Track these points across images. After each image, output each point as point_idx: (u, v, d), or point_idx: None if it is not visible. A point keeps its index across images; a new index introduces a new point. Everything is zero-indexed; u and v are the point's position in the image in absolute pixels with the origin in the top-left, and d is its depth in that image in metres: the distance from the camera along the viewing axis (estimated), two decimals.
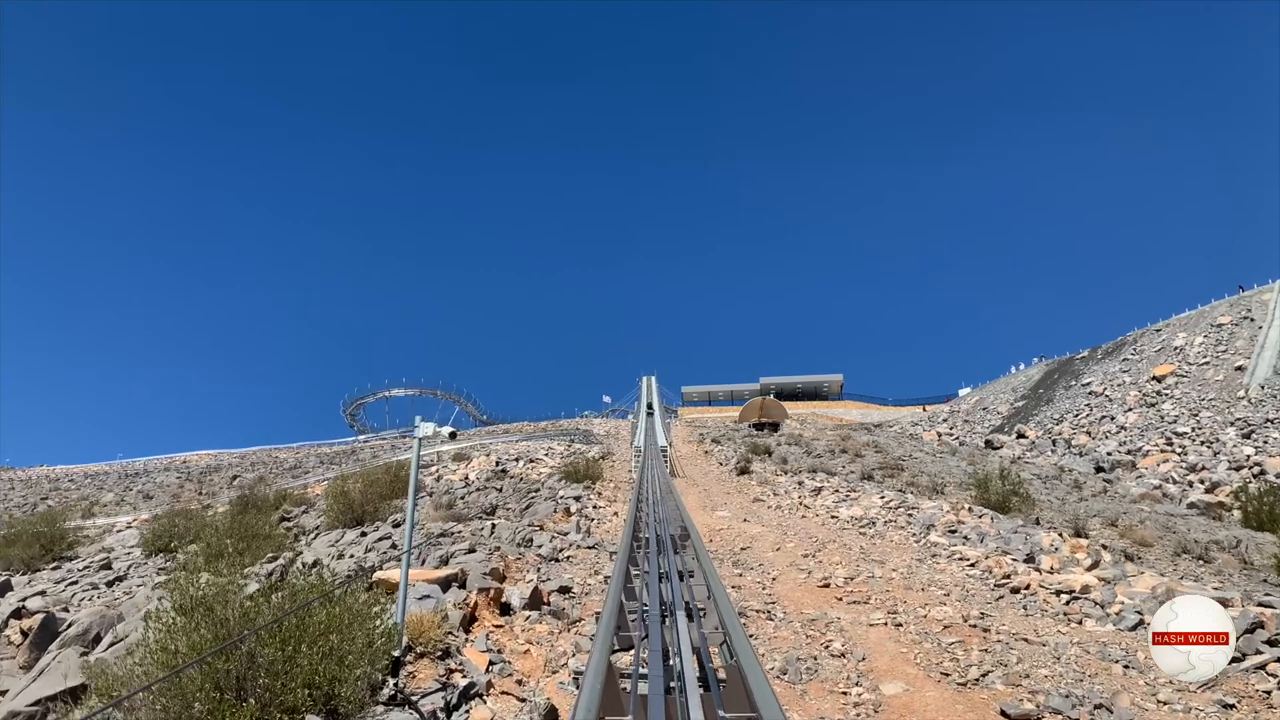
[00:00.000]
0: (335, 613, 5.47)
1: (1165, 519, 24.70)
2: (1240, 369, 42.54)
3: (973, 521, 14.72)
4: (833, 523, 17.00)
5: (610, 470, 31.41)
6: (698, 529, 11.55)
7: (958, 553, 11.64)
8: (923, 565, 11.18)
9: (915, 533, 13.88)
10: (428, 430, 5.81)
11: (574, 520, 18.09)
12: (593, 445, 41.54)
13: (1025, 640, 7.41)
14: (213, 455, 62.90)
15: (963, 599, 9.05)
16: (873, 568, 10.94)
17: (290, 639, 5.01)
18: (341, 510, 18.78)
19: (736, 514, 20.22)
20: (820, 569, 10.94)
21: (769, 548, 13.26)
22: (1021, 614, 8.46)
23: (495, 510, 21.50)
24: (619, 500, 22.96)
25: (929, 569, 10.89)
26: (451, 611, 7.10)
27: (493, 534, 14.63)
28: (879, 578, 10.12)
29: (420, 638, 6.15)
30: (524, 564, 12.24)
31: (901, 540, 13.38)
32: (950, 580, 10.03)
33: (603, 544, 14.87)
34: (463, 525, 16.49)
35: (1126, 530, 21.24)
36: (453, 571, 8.27)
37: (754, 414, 52.45)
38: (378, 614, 6.00)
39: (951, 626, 7.81)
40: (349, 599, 5.71)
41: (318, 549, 14.24)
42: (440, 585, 7.79)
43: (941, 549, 12.16)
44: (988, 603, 8.96)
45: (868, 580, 10.04)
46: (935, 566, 11.05)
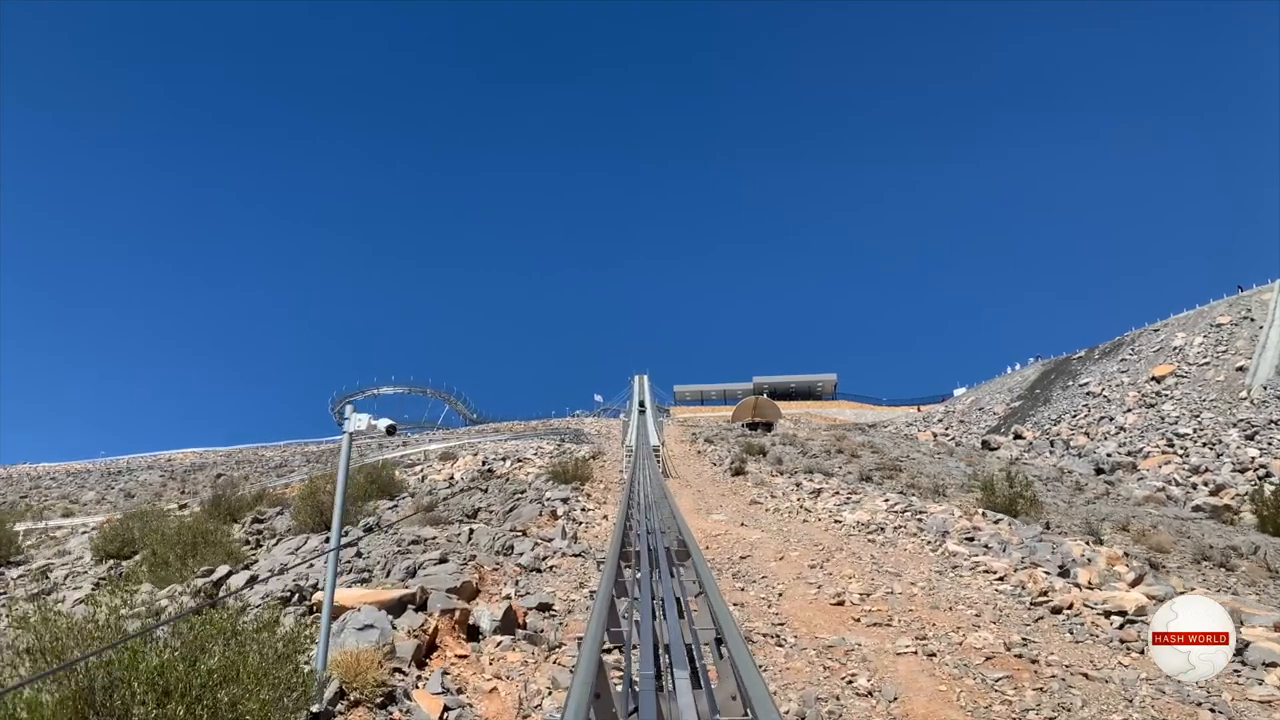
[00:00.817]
0: (244, 655, 4.26)
1: (1176, 523, 23.75)
2: (1241, 369, 41.80)
3: (990, 528, 13.62)
4: (837, 528, 15.87)
5: (601, 470, 30.20)
6: (693, 536, 10.41)
7: (981, 564, 10.53)
8: (944, 579, 10.05)
9: (929, 540, 12.76)
10: (360, 423, 4.62)
11: (560, 524, 16.89)
12: (583, 444, 40.35)
13: (1084, 676, 6.30)
14: (198, 454, 61.28)
15: (998, 620, 7.93)
16: (889, 581, 9.81)
17: (174, 693, 3.81)
18: (311, 513, 17.50)
19: (733, 517, 19.07)
20: (831, 583, 9.79)
21: (771, 556, 12.11)
22: (1069, 640, 7.34)
23: (477, 513, 20.27)
24: (609, 502, 21.77)
25: (952, 583, 9.76)
26: (402, 642, 5.90)
27: (470, 540, 13.40)
28: (899, 594, 8.98)
29: (355, 681, 4.94)
30: (501, 575, 11.03)
31: (916, 549, 12.25)
32: (979, 597, 8.90)
33: (590, 551, 13.68)
34: (439, 530, 15.26)
35: (1140, 535, 20.26)
36: (409, 591, 7.06)
37: (747, 413, 51.45)
38: (305, 650, 4.78)
39: (995, 657, 6.68)
40: (263, 635, 4.48)
41: (277, 557, 12.97)
42: (392, 609, 6.58)
43: (962, 559, 11.04)
44: (1027, 625, 7.84)
45: (886, 597, 8.90)
46: (959, 580, 9.92)
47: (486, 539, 12.93)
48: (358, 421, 4.53)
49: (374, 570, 11.00)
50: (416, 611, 6.83)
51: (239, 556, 12.48)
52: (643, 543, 7.98)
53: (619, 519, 9.83)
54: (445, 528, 15.94)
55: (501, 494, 24.18)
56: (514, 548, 12.69)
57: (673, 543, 7.99)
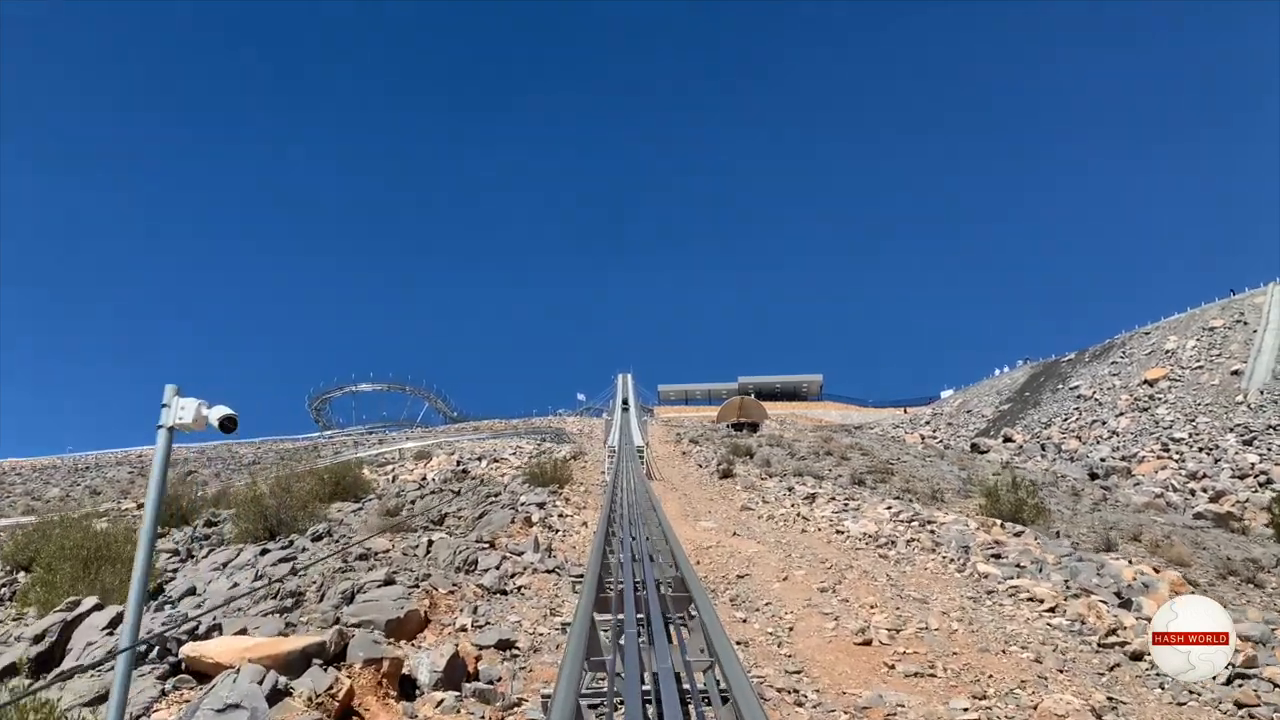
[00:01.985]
0: None
1: (1188, 533, 22.57)
2: (1236, 373, 41.06)
3: (1014, 543, 12.15)
4: (840, 539, 14.35)
5: (582, 472, 28.51)
6: (683, 549, 8.82)
7: (1021, 589, 9.03)
8: (981, 608, 8.53)
9: (951, 557, 11.25)
10: (186, 414, 2.97)
11: (534, 534, 15.21)
12: (564, 444, 38.65)
13: None
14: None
15: (1066, 670, 6.41)
16: (918, 611, 8.26)
17: None
18: (255, 519, 15.66)
19: (724, 525, 17.49)
20: (850, 613, 8.23)
21: (773, 575, 10.53)
22: (1168, 702, 5.84)
23: (444, 519, 18.50)
24: (589, 506, 20.12)
25: (993, 614, 8.24)
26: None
27: (428, 554, 11.67)
28: (935, 630, 7.43)
29: None
30: (458, 600, 9.34)
31: (937, 568, 10.74)
32: (1032, 635, 7.38)
33: (565, 566, 12.03)
34: (395, 540, 13.51)
35: (1154, 546, 18.98)
36: (318, 639, 5.33)
37: (733, 414, 50.03)
38: None
39: None
40: None
41: (201, 573, 11.16)
42: (290, 666, 4.90)
43: (996, 582, 9.54)
44: (1102, 676, 6.34)
45: (921, 634, 7.34)
46: (1000, 610, 8.41)
47: (447, 553, 11.22)
48: (182, 411, 2.89)
49: (306, 594, 9.28)
50: (327, 667, 5.13)
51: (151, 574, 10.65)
52: (626, 571, 6.34)
53: (598, 536, 8.19)
54: (405, 537, 14.20)
55: (474, 497, 22.44)
56: (478, 563, 10.99)
57: (667, 572, 6.35)
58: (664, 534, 9.44)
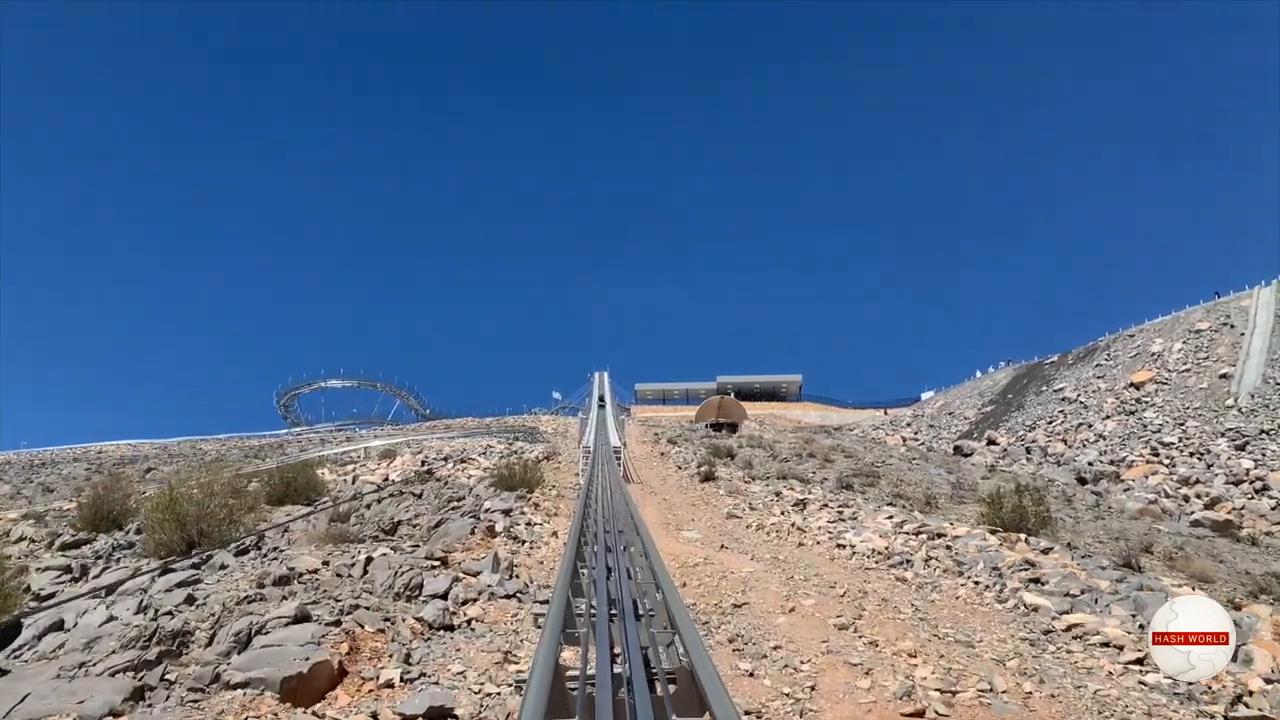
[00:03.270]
0: None
1: (1197, 543, 21.35)
2: (1225, 377, 40.43)
3: (1049, 562, 10.56)
4: (844, 555, 12.67)
5: (555, 473, 26.63)
6: (666, 569, 7.06)
7: (1085, 628, 7.37)
8: (1044, 655, 6.85)
9: (983, 582, 9.60)
10: None
11: (495, 546, 13.31)
12: (537, 444, 36.69)
13: None
14: (131, 445, 55.34)
15: None
16: (968, 660, 6.56)
17: None
18: (171, 529, 13.54)
19: (709, 535, 15.76)
20: (883, 663, 6.49)
21: (776, 603, 8.78)
22: None
23: (397, 527, 16.48)
24: (561, 513, 18.26)
25: (1063, 665, 6.55)
26: None
27: (365, 574, 9.73)
28: (1003, 693, 5.71)
29: None
30: (388, 641, 7.42)
31: (970, 596, 9.07)
32: (1129, 701, 5.70)
33: (530, 590, 10.16)
34: (330, 556, 11.52)
35: (1169, 558, 17.64)
36: None
37: (711, 413, 48.33)
38: None
39: None
40: None
41: (81, 602, 9.08)
42: None
43: (1049, 617, 7.88)
44: None
45: (984, 698, 5.62)
46: (1070, 659, 6.72)
47: (386, 574, 9.27)
48: None
49: (195, 634, 7.33)
50: None
51: (9, 602, 8.57)
52: (600, 617, 4.54)
53: (565, 561, 6.37)
54: (344, 551, 12.20)
55: (437, 500, 20.45)
56: (423, 587, 9.07)
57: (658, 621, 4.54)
58: (643, 542, 7.65)
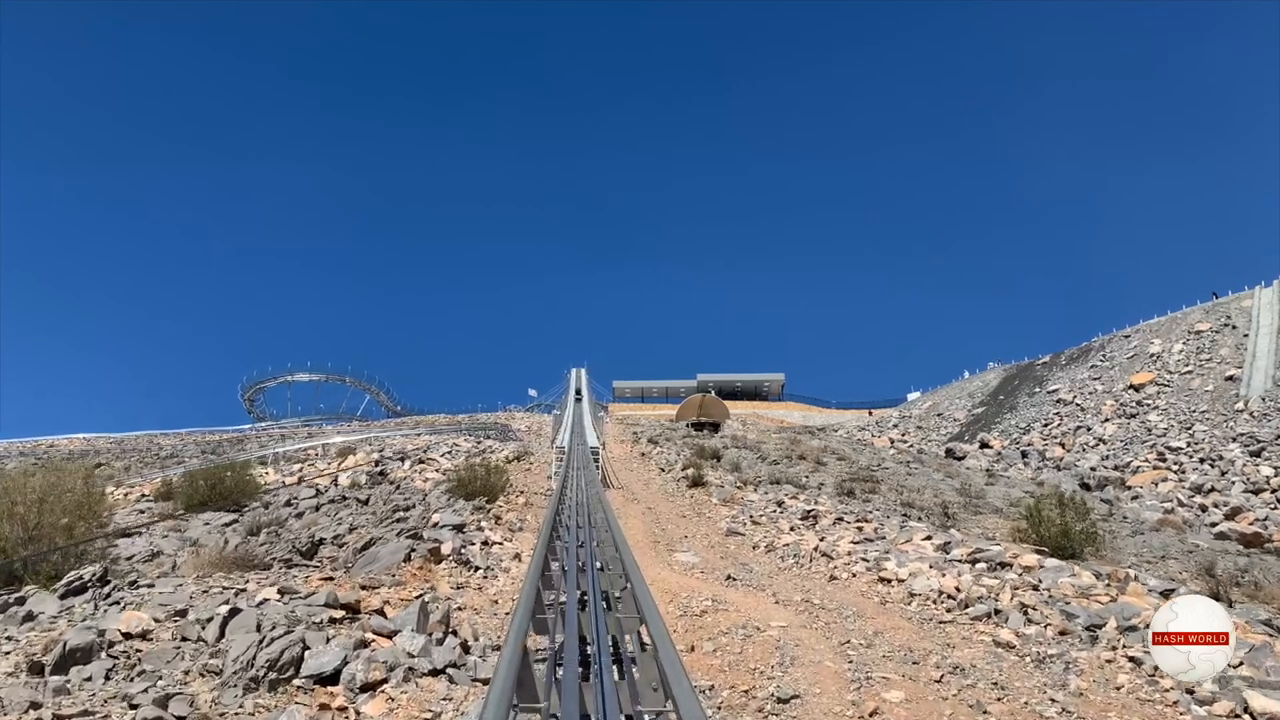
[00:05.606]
0: None
1: (1245, 560, 18.91)
2: (1232, 379, 38.60)
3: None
4: (895, 596, 9.82)
5: (525, 475, 23.54)
6: (660, 618, 4.18)
7: None
8: None
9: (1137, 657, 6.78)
10: None
11: (438, 577, 10.23)
12: (509, 443, 33.54)
13: None
14: (85, 439, 50.78)
15: None
16: None
17: None
18: None
19: (710, 560, 12.82)
20: None
21: (841, 697, 5.93)
22: None
23: (318, 549, 13.25)
24: (527, 528, 15.20)
25: None
26: None
27: (219, 639, 6.63)
28: None
29: None
30: None
31: (1135, 685, 6.27)
32: None
33: (472, 655, 7.15)
34: (185, 611, 8.33)
35: (1237, 584, 15.15)
36: None
37: (693, 412, 45.46)
38: None
39: None
40: None
41: None
42: None
43: None
44: None
45: None
46: None
47: (248, 642, 6.16)
48: None
49: None
50: None
51: None
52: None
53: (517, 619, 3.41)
54: (221, 592, 9.03)
55: (385, 508, 17.24)
56: (302, 663, 6.02)
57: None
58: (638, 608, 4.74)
